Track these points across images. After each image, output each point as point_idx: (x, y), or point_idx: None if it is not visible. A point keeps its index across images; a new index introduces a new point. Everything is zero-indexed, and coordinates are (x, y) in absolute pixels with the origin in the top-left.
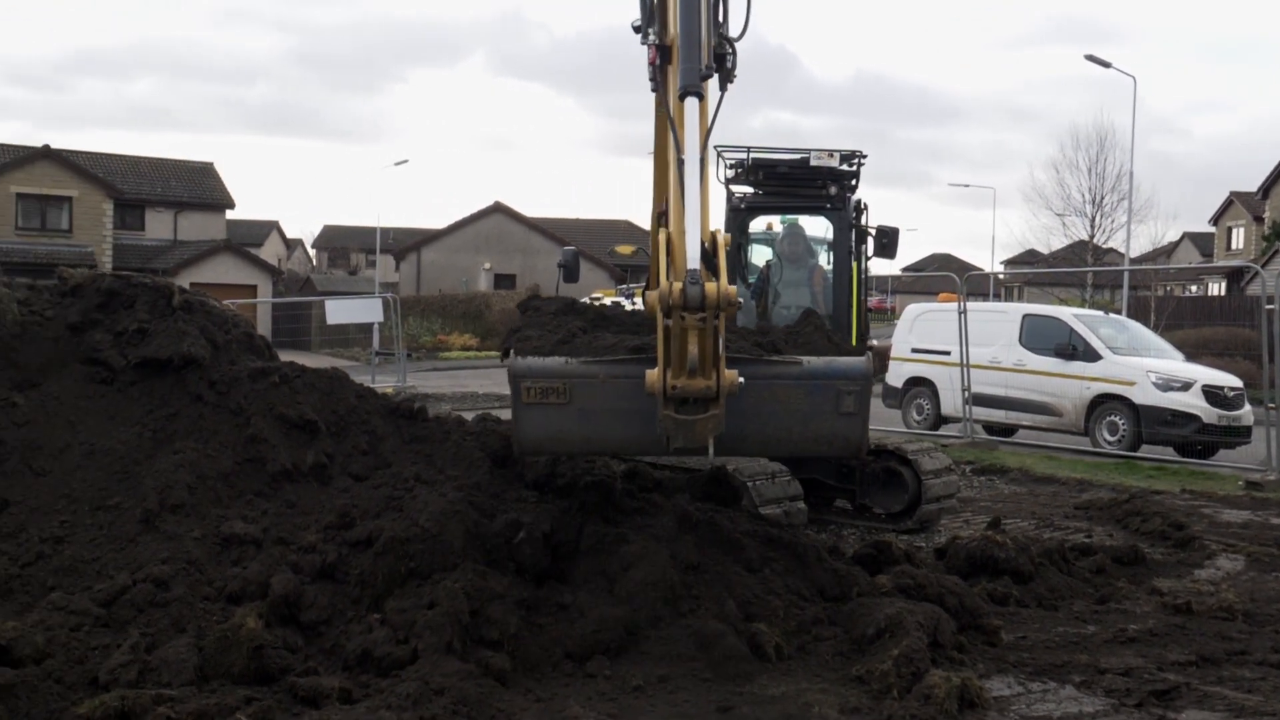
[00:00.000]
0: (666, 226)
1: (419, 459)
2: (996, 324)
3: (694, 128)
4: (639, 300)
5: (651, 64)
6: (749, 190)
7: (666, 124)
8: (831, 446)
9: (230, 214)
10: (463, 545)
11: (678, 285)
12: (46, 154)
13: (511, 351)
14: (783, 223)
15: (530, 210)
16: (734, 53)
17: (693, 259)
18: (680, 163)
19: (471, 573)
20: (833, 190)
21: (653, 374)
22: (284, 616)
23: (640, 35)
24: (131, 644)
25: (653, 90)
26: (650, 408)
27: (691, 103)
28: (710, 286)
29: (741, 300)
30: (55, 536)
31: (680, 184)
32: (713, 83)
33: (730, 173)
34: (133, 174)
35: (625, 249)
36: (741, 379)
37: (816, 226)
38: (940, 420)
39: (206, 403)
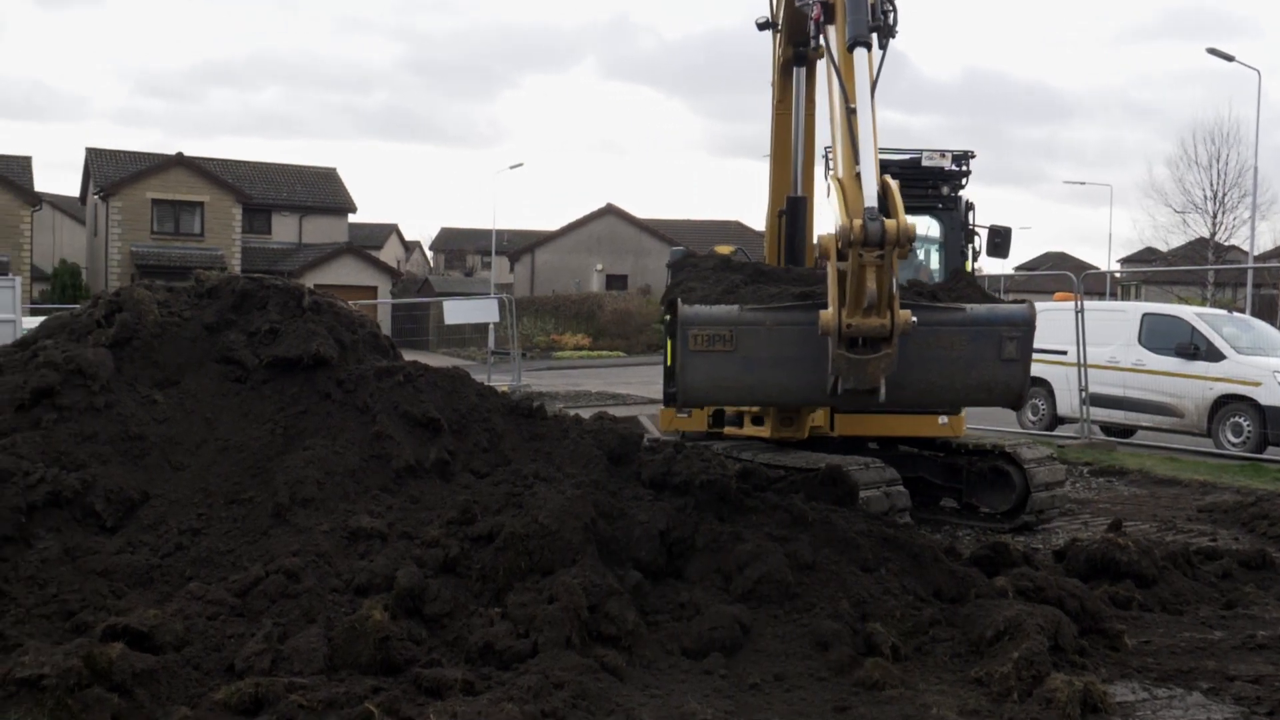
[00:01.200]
0: (835, 174)
1: (538, 456)
2: (1114, 323)
3: (864, 77)
4: None
5: (815, 21)
6: None
7: (789, 113)
8: (991, 394)
9: (352, 218)
10: (581, 541)
11: (858, 221)
12: (180, 161)
13: (679, 300)
14: None
15: (641, 212)
16: (895, 9)
17: (870, 198)
18: (850, 111)
19: (590, 569)
20: (944, 190)
21: (827, 313)
22: (409, 609)
23: (768, 27)
24: (265, 633)
25: (812, 49)
26: (814, 354)
27: (860, 53)
28: (890, 222)
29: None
30: (192, 529)
31: (849, 131)
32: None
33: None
34: (260, 180)
35: (724, 249)
36: (914, 318)
37: (920, 226)
38: (1056, 421)
39: (334, 401)
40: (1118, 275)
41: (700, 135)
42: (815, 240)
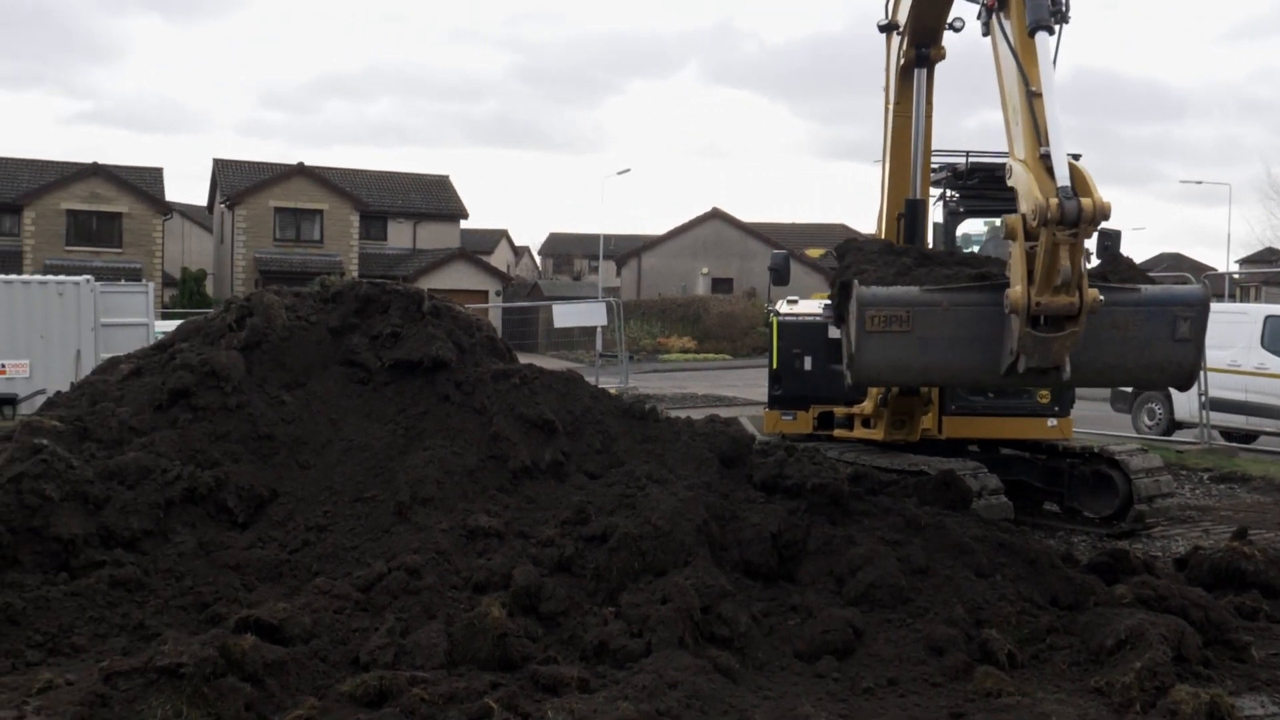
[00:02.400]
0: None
1: (650, 458)
2: (1236, 326)
3: (1047, 61)
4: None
5: (988, 7)
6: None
7: (908, 115)
8: (1164, 374)
9: (463, 223)
10: (693, 543)
11: (1054, 200)
12: (301, 171)
13: (855, 282)
14: (985, 225)
15: (746, 215)
16: None
17: (1062, 178)
18: (1032, 95)
19: (702, 570)
20: None
21: (1016, 292)
22: (525, 607)
23: (889, 30)
24: (388, 628)
25: (984, 35)
26: (989, 335)
27: (1042, 37)
28: (1086, 201)
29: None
30: (319, 525)
31: (1030, 114)
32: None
33: (943, 174)
34: (376, 188)
35: (814, 251)
36: (1102, 297)
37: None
38: (1174, 426)
39: (453, 403)
40: (1237, 276)
41: (803, 139)
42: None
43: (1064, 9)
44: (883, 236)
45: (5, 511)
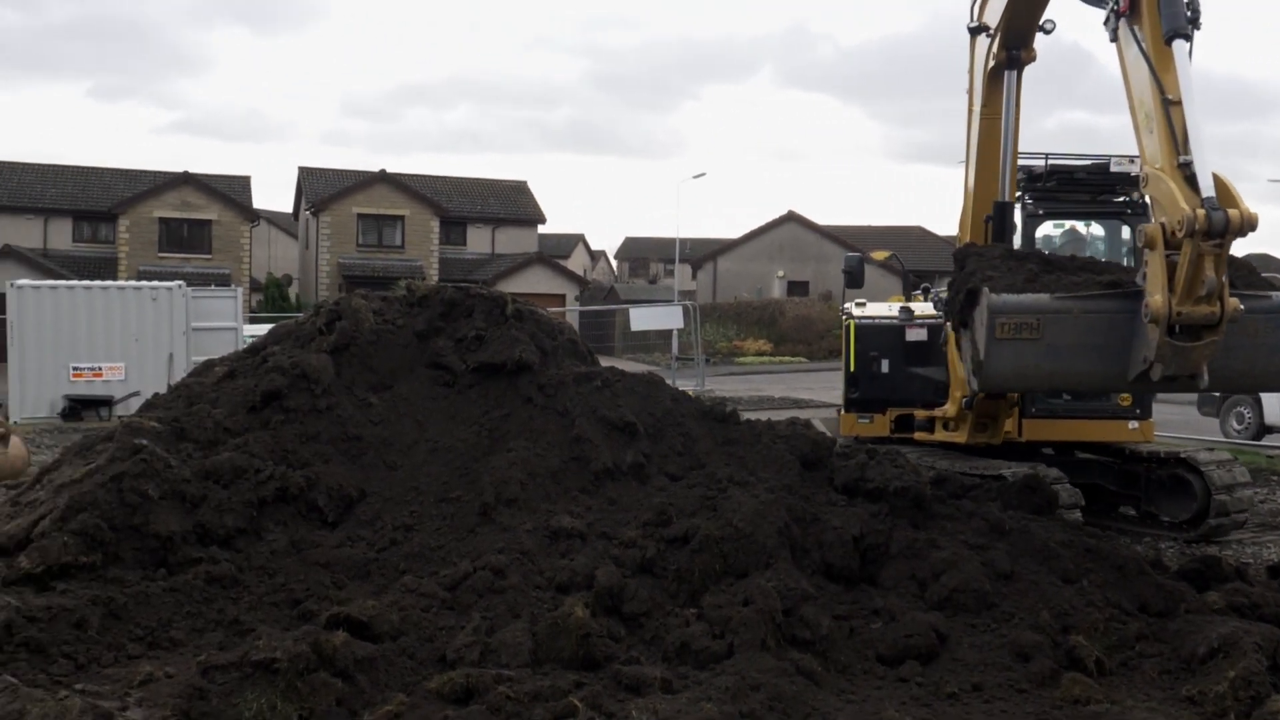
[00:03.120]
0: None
1: (731, 460)
2: None
3: (1185, 69)
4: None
5: (1120, 14)
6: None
7: (997, 118)
8: None
9: (541, 228)
10: (775, 545)
11: (1201, 211)
12: (383, 178)
13: (983, 290)
14: (1056, 228)
15: (822, 218)
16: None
17: (1207, 188)
18: (1169, 103)
19: (784, 573)
20: (1135, 196)
21: (1156, 301)
22: (608, 607)
23: (979, 32)
24: (474, 626)
25: (1111, 40)
26: (1119, 342)
27: (1180, 45)
28: (1234, 211)
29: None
30: (405, 525)
31: (1168, 123)
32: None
33: (1021, 176)
34: (456, 193)
35: (880, 254)
36: (1242, 306)
37: (1109, 231)
38: (1264, 430)
39: (536, 405)
40: None
41: (878, 141)
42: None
43: (1198, 15)
44: (967, 239)
45: (107, 509)
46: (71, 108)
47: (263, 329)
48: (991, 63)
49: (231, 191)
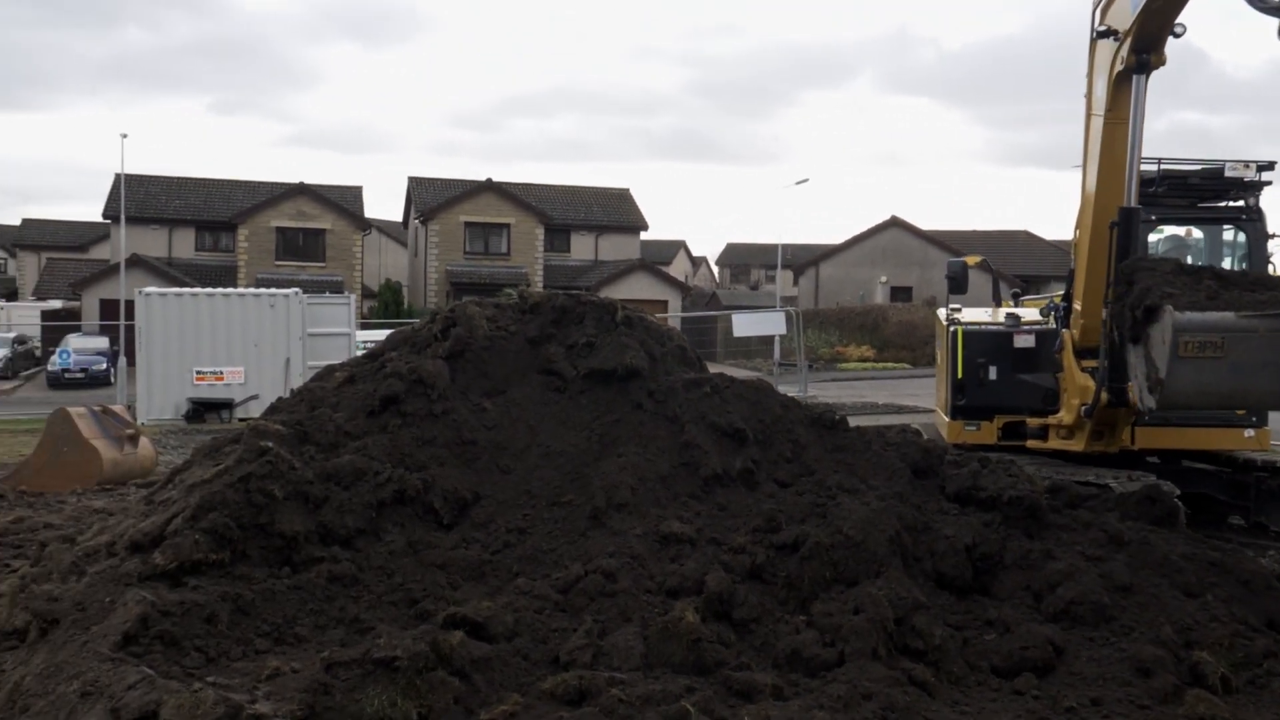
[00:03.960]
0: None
1: (840, 467)
2: None
3: None
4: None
5: None
6: None
7: (1122, 122)
8: None
9: (643, 235)
10: (886, 554)
11: None
12: (489, 187)
13: (1167, 308)
14: (1155, 234)
15: (926, 223)
16: None
17: None
18: None
19: (895, 581)
20: (1250, 201)
21: None
22: (718, 612)
23: (1107, 36)
24: (586, 629)
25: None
26: None
27: None
28: None
29: None
30: (518, 528)
31: None
32: None
33: None
34: (560, 202)
35: (971, 259)
36: None
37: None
38: None
39: (646, 410)
40: None
41: (981, 145)
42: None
43: None
44: (1086, 245)
45: (235, 509)
46: (193, 122)
47: (373, 334)
48: (1119, 67)
49: (344, 201)
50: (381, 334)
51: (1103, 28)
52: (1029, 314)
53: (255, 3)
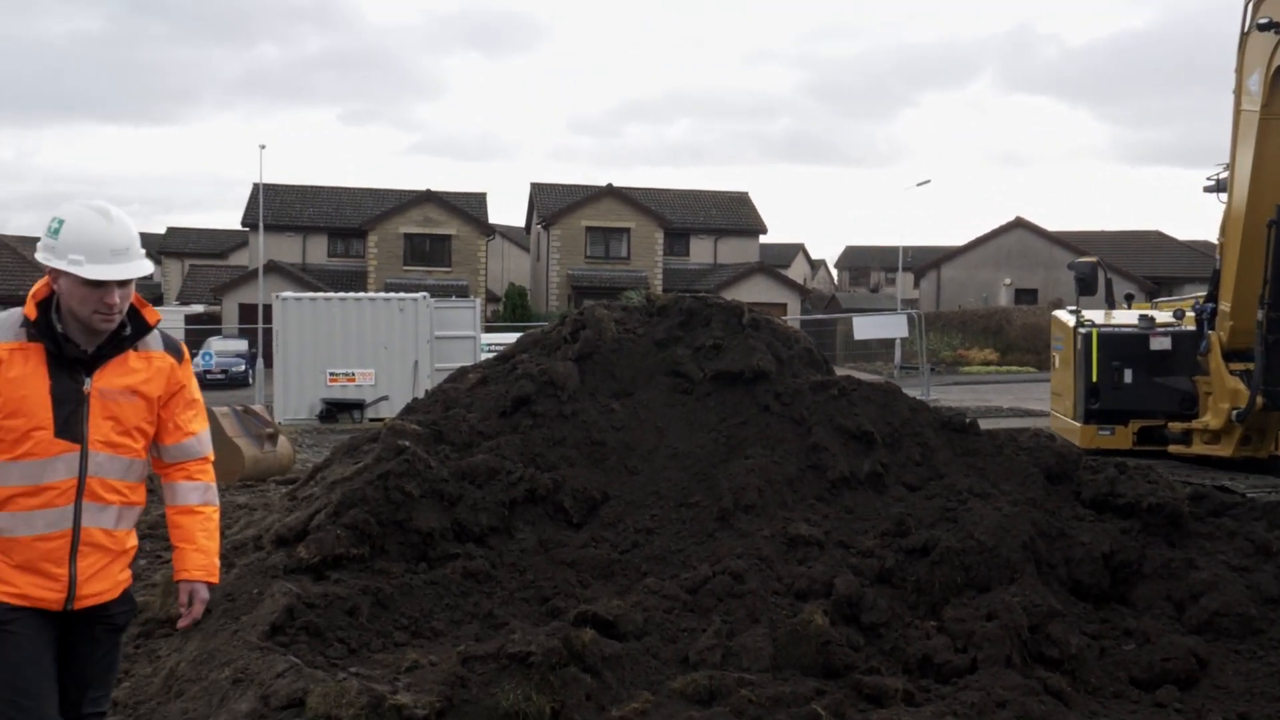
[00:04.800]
0: None
1: (971, 472)
2: None
3: None
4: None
5: None
6: None
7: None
8: None
9: (761, 238)
10: (1019, 560)
11: None
12: (610, 191)
13: None
14: None
15: (1052, 224)
16: None
17: None
18: None
19: (1029, 588)
20: None
21: None
22: (846, 616)
23: (1269, 29)
24: (715, 630)
25: None
26: None
27: None
28: None
29: None
30: (646, 528)
31: None
32: None
33: None
34: (679, 206)
35: (1084, 260)
36: None
37: None
38: None
39: (773, 413)
40: None
41: (1107, 143)
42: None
43: None
44: (1236, 245)
45: (375, 505)
46: (324, 132)
47: (498, 338)
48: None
49: (469, 208)
50: (505, 337)
51: (1263, 20)
52: (1162, 316)
53: (381, 16)
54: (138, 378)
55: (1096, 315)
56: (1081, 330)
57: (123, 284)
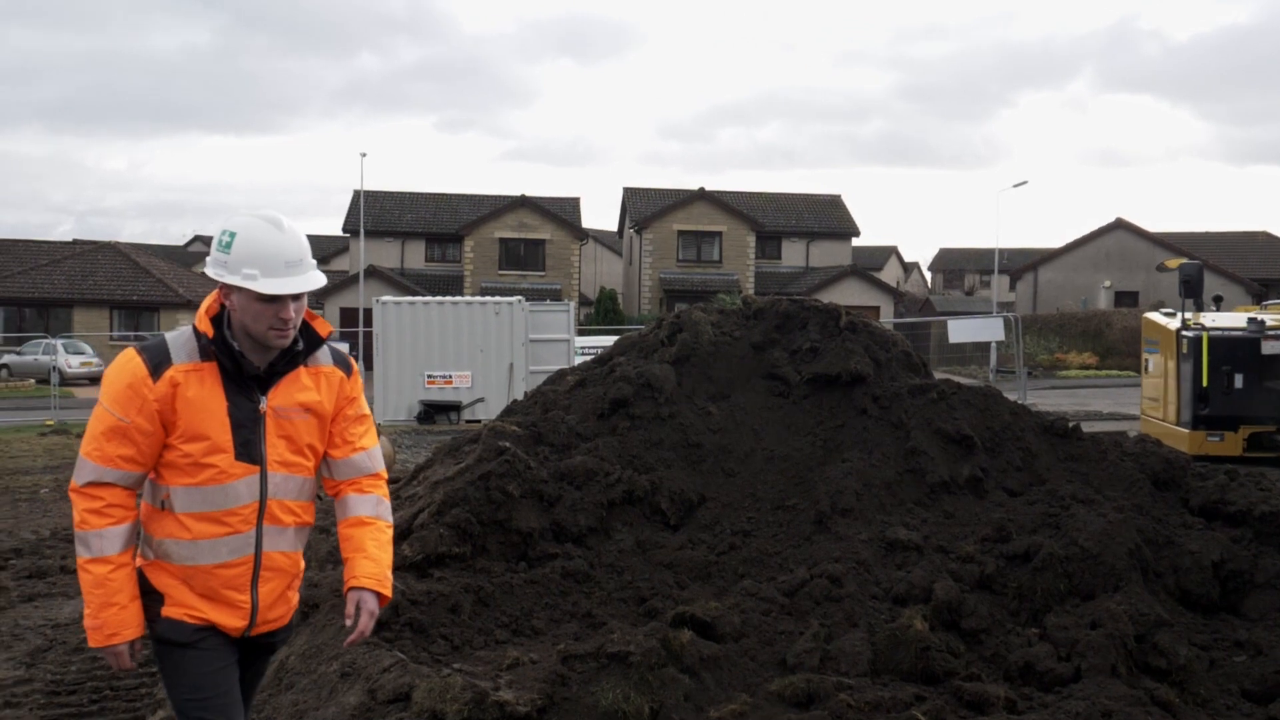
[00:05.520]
0: None
1: (1074, 477)
2: None
3: None
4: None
5: None
6: None
7: None
8: None
9: (854, 241)
10: (1125, 568)
11: None
12: (701, 195)
13: None
14: None
15: (1153, 225)
16: None
17: None
18: None
19: (1135, 596)
20: None
21: None
22: (946, 622)
23: None
24: (813, 633)
25: None
26: None
27: None
28: None
29: None
30: (743, 530)
31: None
32: None
33: None
34: (771, 209)
35: (1173, 262)
36: None
37: None
38: None
39: (870, 416)
40: None
41: (1211, 142)
42: None
43: None
44: None
45: (476, 505)
46: (421, 140)
47: (591, 340)
48: None
49: (562, 212)
50: (598, 340)
51: None
52: (1272, 319)
53: (475, 26)
54: (310, 394)
55: (1205, 319)
56: (1189, 334)
57: (297, 297)
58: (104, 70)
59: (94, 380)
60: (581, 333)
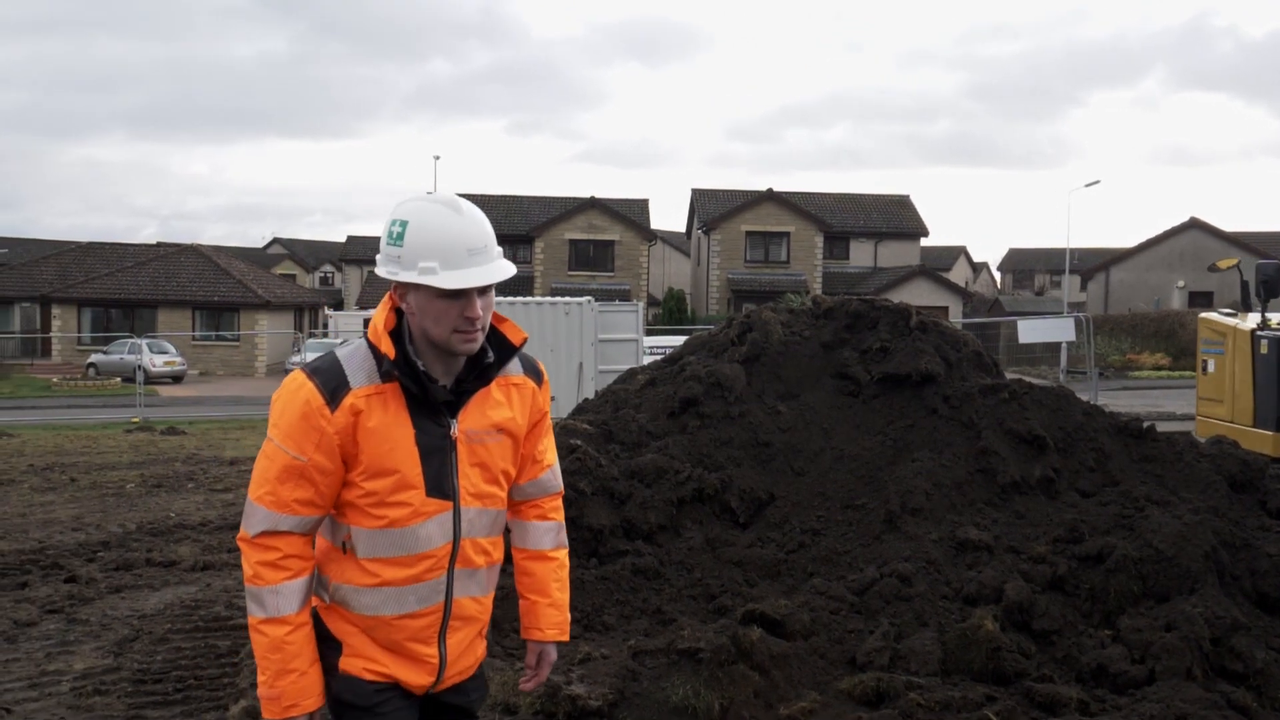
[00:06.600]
0: None
1: (1148, 478)
2: None
3: None
4: None
5: None
6: None
7: None
8: None
9: (922, 241)
10: (1200, 570)
11: None
12: (769, 196)
13: None
14: None
15: (1228, 225)
16: None
17: None
18: None
19: (1211, 599)
20: None
21: None
22: (1017, 622)
23: None
24: (883, 632)
25: None
26: None
27: None
28: None
29: None
30: (813, 529)
31: None
32: None
33: None
34: (838, 209)
35: (1225, 262)
36: None
37: None
38: None
39: (941, 416)
40: None
41: None
42: None
43: None
44: None
45: None
46: (492, 143)
47: (660, 340)
48: None
49: (631, 214)
50: (666, 340)
51: None
52: None
53: (545, 30)
54: (503, 411)
55: (1253, 319)
56: (1266, 335)
57: (484, 291)
58: (186, 78)
59: (176, 379)
60: (649, 333)
